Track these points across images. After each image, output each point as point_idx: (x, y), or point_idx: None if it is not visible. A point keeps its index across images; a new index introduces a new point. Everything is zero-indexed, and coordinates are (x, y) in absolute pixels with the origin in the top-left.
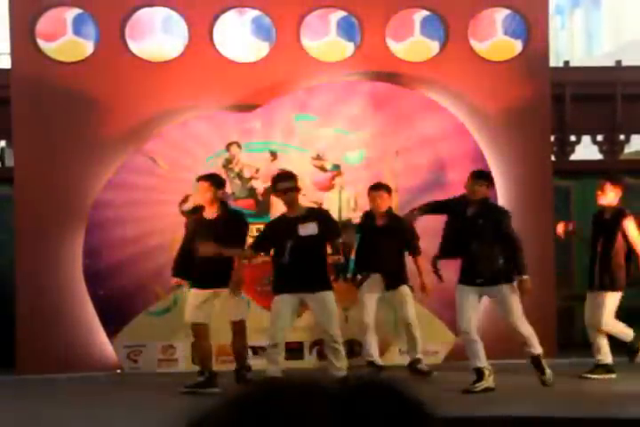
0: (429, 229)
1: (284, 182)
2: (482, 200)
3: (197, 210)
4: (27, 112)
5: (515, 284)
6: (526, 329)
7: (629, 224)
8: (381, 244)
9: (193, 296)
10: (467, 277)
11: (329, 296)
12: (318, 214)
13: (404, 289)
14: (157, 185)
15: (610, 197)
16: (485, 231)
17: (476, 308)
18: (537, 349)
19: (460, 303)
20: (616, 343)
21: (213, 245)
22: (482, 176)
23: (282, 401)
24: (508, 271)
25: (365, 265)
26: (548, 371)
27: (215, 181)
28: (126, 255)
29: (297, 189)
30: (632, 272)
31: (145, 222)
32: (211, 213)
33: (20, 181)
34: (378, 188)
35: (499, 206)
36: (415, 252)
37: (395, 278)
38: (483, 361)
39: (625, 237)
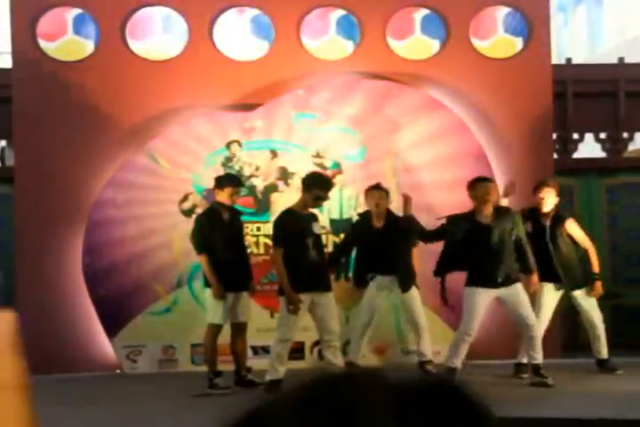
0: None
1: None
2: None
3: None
4: (27, 112)
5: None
6: (537, 331)
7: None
8: (384, 246)
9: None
10: (483, 279)
11: (332, 295)
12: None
13: (414, 291)
14: (158, 184)
15: None
16: (502, 234)
17: (483, 312)
18: (538, 357)
19: (471, 306)
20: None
21: None
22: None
23: (349, 393)
24: (518, 270)
25: (372, 269)
26: (549, 379)
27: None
28: (127, 255)
29: None
30: None
31: (145, 221)
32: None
33: (20, 181)
34: (379, 187)
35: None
36: (414, 242)
37: (408, 280)
38: (459, 363)
39: None
